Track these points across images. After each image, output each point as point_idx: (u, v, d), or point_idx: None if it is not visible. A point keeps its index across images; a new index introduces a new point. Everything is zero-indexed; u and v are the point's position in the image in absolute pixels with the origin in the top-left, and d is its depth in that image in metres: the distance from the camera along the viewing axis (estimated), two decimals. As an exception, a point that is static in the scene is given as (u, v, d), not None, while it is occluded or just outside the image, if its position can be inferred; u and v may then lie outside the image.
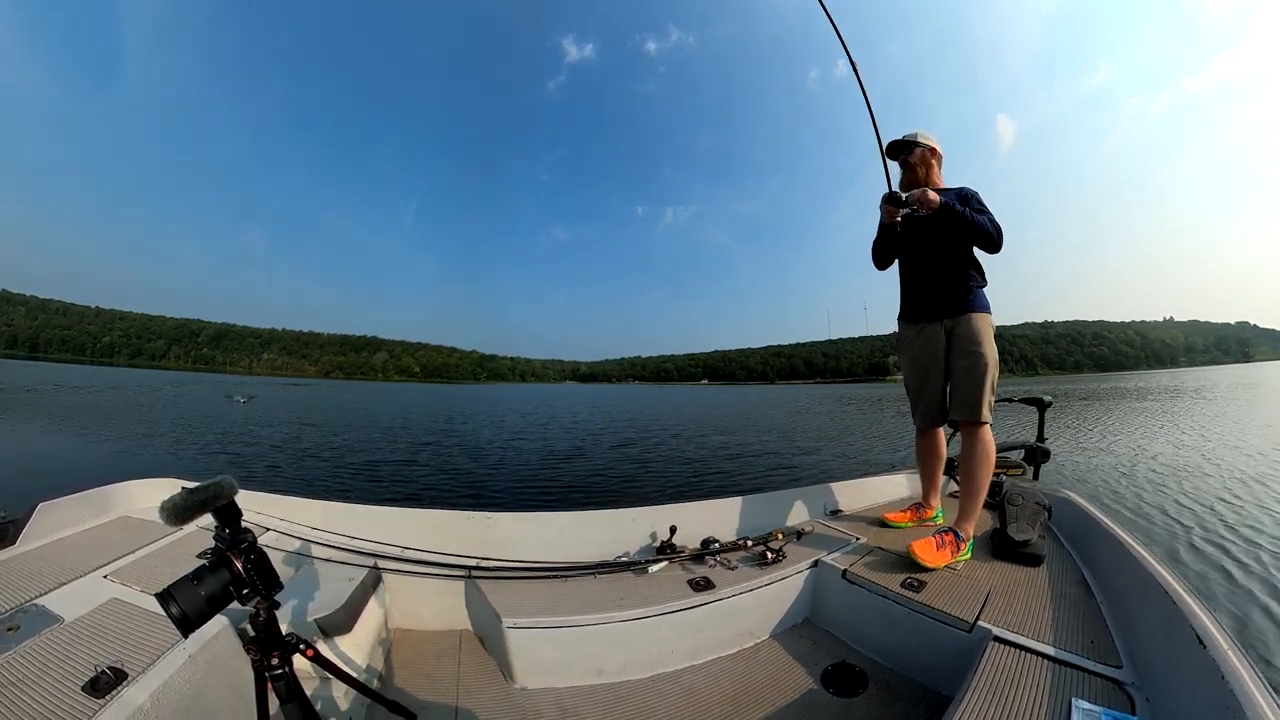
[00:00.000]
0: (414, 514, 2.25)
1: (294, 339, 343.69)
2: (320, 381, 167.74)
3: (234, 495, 1.01)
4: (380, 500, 2.70)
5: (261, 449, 11.03)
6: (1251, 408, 17.16)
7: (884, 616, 1.81)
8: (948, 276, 2.32)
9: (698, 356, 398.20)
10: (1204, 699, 1.05)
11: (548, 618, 1.70)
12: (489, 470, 9.16)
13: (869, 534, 2.35)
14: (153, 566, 1.71)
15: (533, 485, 7.91)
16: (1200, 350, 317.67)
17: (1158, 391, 29.73)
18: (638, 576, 2.01)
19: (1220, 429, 11.53)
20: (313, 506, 2.25)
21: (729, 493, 2.64)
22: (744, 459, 10.23)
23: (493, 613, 1.74)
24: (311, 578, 1.80)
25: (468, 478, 8.38)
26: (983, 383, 2.16)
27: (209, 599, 0.93)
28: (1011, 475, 2.94)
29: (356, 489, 7.47)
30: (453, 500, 6.88)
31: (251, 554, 1.00)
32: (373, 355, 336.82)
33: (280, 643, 1.06)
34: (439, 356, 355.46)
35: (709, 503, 2.49)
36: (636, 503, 2.45)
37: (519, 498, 7.15)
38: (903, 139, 2.45)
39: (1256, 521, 4.91)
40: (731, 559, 2.12)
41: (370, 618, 1.77)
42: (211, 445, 11.36)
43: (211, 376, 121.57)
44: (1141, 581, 1.54)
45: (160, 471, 2.55)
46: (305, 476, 8.33)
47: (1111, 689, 1.26)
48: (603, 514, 2.35)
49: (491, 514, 2.24)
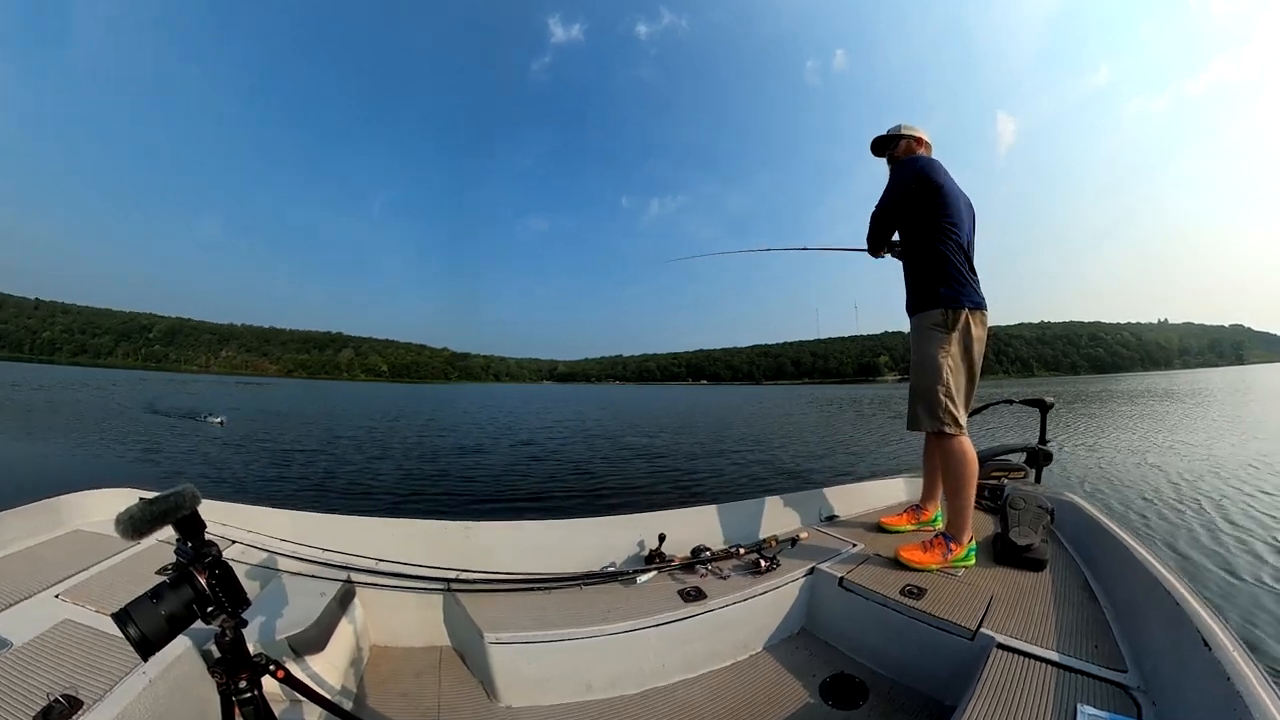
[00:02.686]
0: (389, 524, 2.23)
1: (254, 335, 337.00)
2: (282, 381, 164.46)
3: (196, 506, 0.98)
4: (352, 509, 2.66)
5: (226, 455, 10.77)
6: (1243, 410, 17.77)
7: (883, 625, 1.83)
8: (908, 272, 2.35)
9: (681, 356, 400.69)
10: (1210, 702, 1.07)
11: (532, 632, 1.69)
12: (465, 475, 9.08)
13: (866, 540, 2.37)
14: (109, 584, 1.66)
15: (513, 492, 7.86)
16: (1195, 352, 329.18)
17: (1156, 395, 30.65)
18: (626, 587, 2.01)
19: (1216, 434, 11.95)
20: (281, 517, 2.21)
21: (720, 498, 2.65)
22: (734, 463, 10.30)
23: (474, 627, 1.72)
24: (281, 593, 1.76)
25: (443, 485, 8.30)
26: (919, 392, 2.17)
27: (170, 618, 0.89)
28: (1013, 478, 3.00)
29: (327, 498, 7.34)
30: (429, 509, 6.81)
31: (216, 569, 0.97)
32: (338, 353, 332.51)
33: (248, 664, 1.03)
34: (408, 355, 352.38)
35: (699, 509, 2.49)
36: (623, 510, 2.46)
37: (498, 506, 7.09)
38: (886, 134, 2.44)
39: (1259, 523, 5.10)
40: (723, 568, 2.12)
41: (344, 635, 1.75)
42: (170, 450, 11.06)
43: (161, 375, 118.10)
44: (1145, 584, 1.58)
45: (116, 481, 2.48)
46: (273, 483, 8.17)
47: (1117, 694, 1.29)
48: (587, 522, 2.35)
49: (470, 523, 2.22)
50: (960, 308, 2.13)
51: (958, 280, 2.16)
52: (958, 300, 2.13)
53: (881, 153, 2.47)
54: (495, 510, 6.84)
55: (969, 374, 2.20)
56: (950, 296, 2.13)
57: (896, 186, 2.26)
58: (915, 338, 2.24)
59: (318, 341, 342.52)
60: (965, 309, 2.14)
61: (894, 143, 2.41)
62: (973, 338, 2.17)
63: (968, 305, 2.14)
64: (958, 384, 2.15)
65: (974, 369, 2.21)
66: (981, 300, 2.19)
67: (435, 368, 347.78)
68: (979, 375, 2.24)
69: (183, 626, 0.91)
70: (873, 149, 2.48)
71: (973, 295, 2.17)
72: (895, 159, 2.40)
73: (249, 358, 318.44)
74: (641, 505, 2.53)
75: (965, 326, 2.15)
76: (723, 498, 2.68)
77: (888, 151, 2.44)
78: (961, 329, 2.14)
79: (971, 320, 2.16)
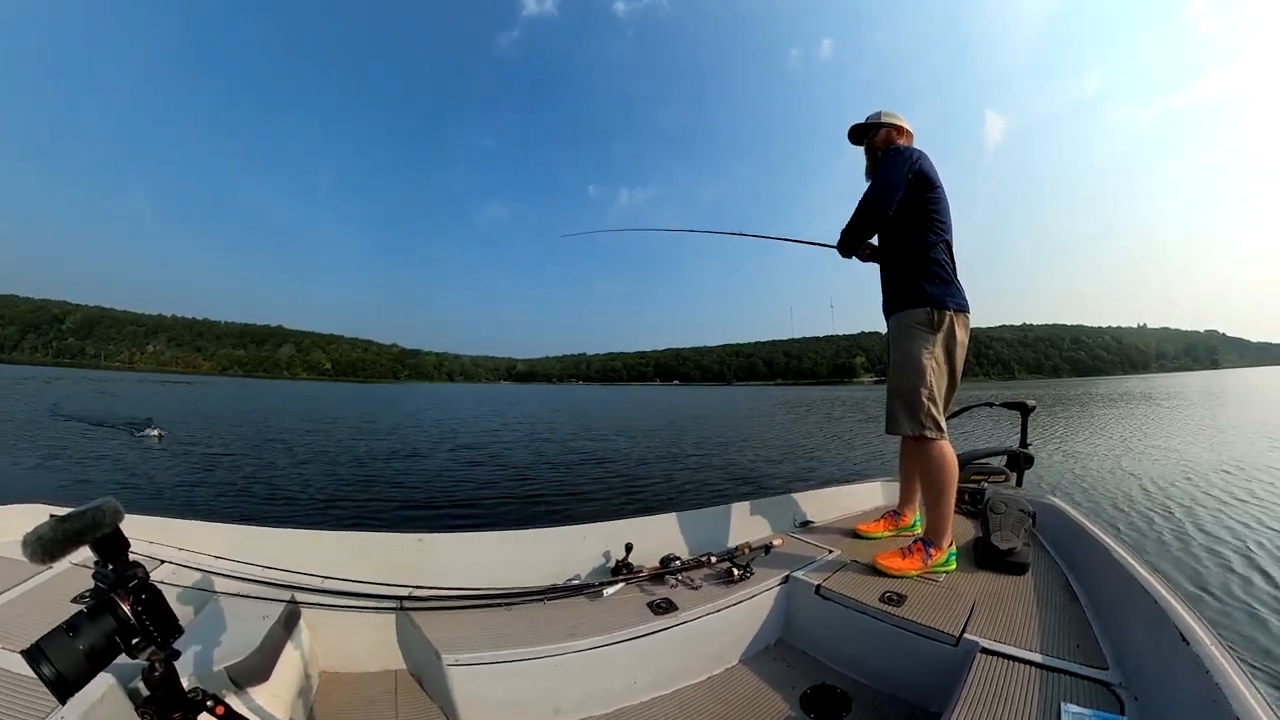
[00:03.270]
0: (334, 537, 2.18)
1: (185, 328, 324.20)
2: (216, 379, 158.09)
3: (118, 522, 0.91)
4: (295, 521, 2.58)
5: (151, 463, 10.28)
6: (1218, 415, 18.89)
7: (863, 633, 1.88)
8: (886, 268, 2.40)
9: (649, 355, 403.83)
10: (1190, 694, 1.16)
11: (493, 651, 1.67)
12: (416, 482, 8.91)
13: (842, 546, 2.43)
14: (16, 616, 1.55)
15: (467, 501, 7.76)
16: (1172, 357, 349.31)
17: (1135, 398, 32.30)
18: (591, 600, 2.01)
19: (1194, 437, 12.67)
20: (216, 531, 2.13)
21: (689, 505, 2.68)
22: (703, 467, 10.39)
23: (430, 648, 1.69)
24: (218, 617, 1.69)
25: (393, 493, 8.12)
26: (900, 394, 2.21)
27: (90, 654, 0.83)
28: (994, 482, 3.12)
29: (266, 509, 7.10)
30: (377, 520, 6.67)
31: (142, 594, 0.91)
32: (278, 349, 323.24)
33: (182, 701, 0.97)
34: (354, 351, 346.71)
35: (667, 516, 2.51)
36: (586, 518, 2.45)
37: (452, 516, 6.99)
38: (864, 122, 2.45)
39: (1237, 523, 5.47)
40: (694, 577, 2.14)
41: (290, 661, 1.69)
42: (84, 458, 10.50)
43: (76, 373, 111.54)
44: (1125, 584, 1.69)
45: (22, 495, 2.33)
46: (206, 493, 7.86)
47: (1100, 691, 1.37)
48: (549, 532, 2.34)
49: (423, 535, 2.19)
50: (945, 309, 2.18)
51: (944, 280, 2.21)
52: (943, 301, 2.19)
53: (859, 141, 2.48)
54: (447, 520, 6.75)
55: (950, 378, 2.26)
56: (936, 296, 2.18)
57: (892, 180, 2.21)
58: (897, 337, 2.28)
59: (256, 336, 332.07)
60: (950, 311, 2.19)
61: (873, 131, 2.42)
62: (956, 341, 2.22)
63: (952, 307, 2.20)
64: (939, 387, 2.21)
65: (955, 373, 2.27)
66: (966, 304, 2.25)
67: (383, 366, 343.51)
68: (959, 380, 2.30)
69: (105, 662, 0.85)
70: (850, 137, 2.49)
71: (958, 297, 2.23)
72: (874, 148, 2.41)
73: (179, 353, 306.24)
74: (606, 513, 2.55)
75: (949, 329, 2.20)
76: (692, 504, 2.71)
77: (866, 140, 2.45)
78: (946, 331, 2.20)
79: (955, 323, 2.21)
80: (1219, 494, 6.86)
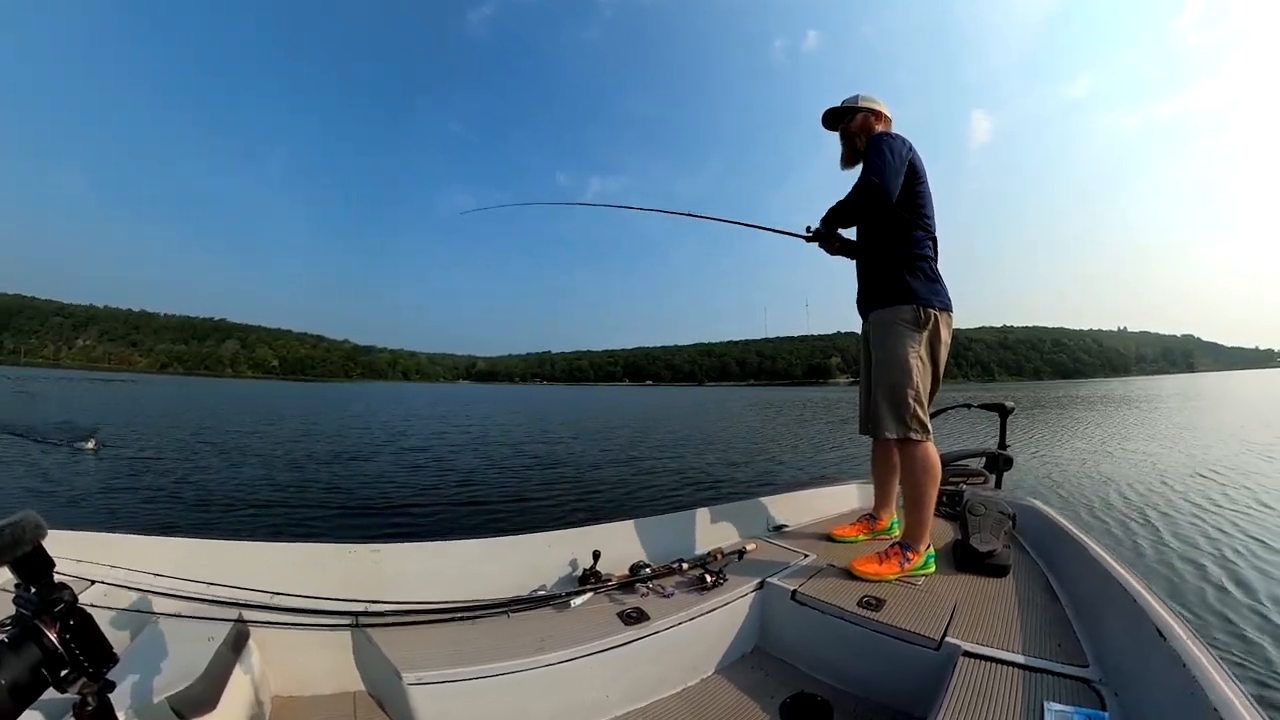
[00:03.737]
0: (283, 549, 2.12)
1: (120, 320, 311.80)
2: (153, 377, 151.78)
3: (40, 539, 0.84)
4: (240, 531, 2.50)
5: (76, 471, 9.80)
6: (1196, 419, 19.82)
7: (842, 639, 1.92)
8: (867, 262, 2.41)
9: (617, 354, 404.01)
10: (1168, 686, 1.24)
11: (457, 668, 1.65)
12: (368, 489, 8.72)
13: (818, 550, 2.49)
14: None
15: (425, 507, 7.64)
16: (1150, 360, 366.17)
17: (1115, 400, 33.68)
18: (559, 612, 2.01)
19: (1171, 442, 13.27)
20: (153, 546, 2.04)
21: (658, 510, 2.70)
22: (673, 471, 10.44)
23: (390, 667, 1.67)
24: (158, 641, 1.62)
25: (343, 500, 7.94)
26: (886, 394, 2.24)
27: (13, 690, 0.77)
28: (973, 483, 3.23)
29: (209, 520, 6.85)
30: (329, 530, 6.52)
31: (70, 619, 0.85)
32: (221, 344, 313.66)
33: None
34: (303, 347, 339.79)
35: (636, 522, 2.53)
36: (551, 525, 2.46)
37: (407, 524, 6.88)
38: (840, 105, 2.46)
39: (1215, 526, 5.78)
40: (666, 585, 2.16)
41: (239, 687, 1.64)
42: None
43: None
44: (1104, 583, 1.78)
45: None
46: (140, 502, 7.56)
47: (1081, 688, 1.45)
48: (512, 540, 2.33)
49: (378, 546, 2.16)
50: (932, 307, 2.22)
51: (930, 278, 2.26)
52: (930, 299, 2.22)
53: (834, 125, 2.48)
54: (402, 529, 6.64)
55: (933, 378, 2.30)
56: (923, 294, 2.22)
57: (895, 163, 2.16)
58: (881, 335, 2.30)
59: (197, 330, 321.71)
60: (936, 309, 2.23)
61: (849, 115, 2.42)
62: (940, 341, 2.27)
63: (938, 306, 2.24)
64: (925, 387, 2.25)
65: (938, 374, 2.32)
66: (950, 303, 2.30)
67: (334, 363, 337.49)
68: (940, 381, 2.35)
69: (30, 699, 0.79)
70: (825, 121, 2.49)
71: (944, 296, 2.28)
72: (851, 134, 2.42)
73: (112, 348, 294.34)
74: (571, 520, 2.54)
75: (935, 328, 2.24)
76: (661, 509, 2.72)
77: (841, 124, 2.45)
78: (931, 330, 2.24)
79: (940, 322, 2.26)
80: (1197, 499, 7.20)
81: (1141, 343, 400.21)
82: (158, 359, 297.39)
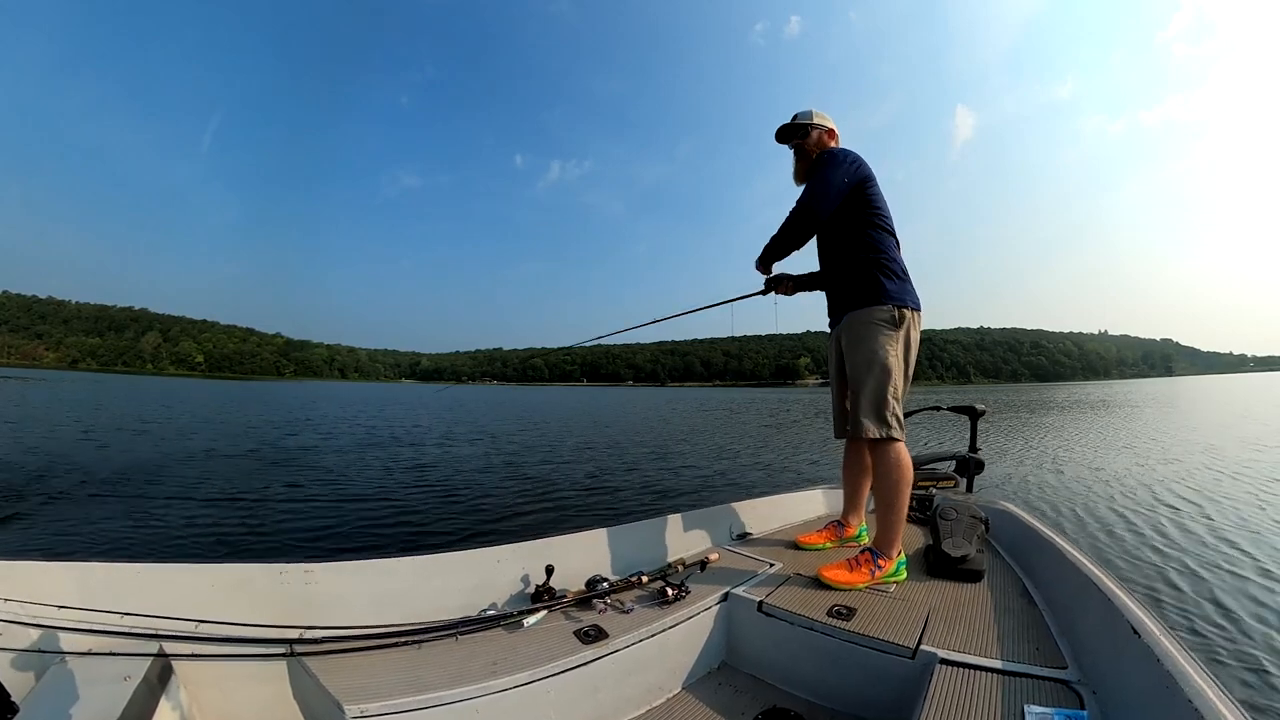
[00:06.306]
0: (206, 571, 2.01)
1: (22, 308, 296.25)
2: (63, 374, 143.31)
3: None
4: (155, 554, 2.37)
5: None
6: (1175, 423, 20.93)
7: (814, 650, 1.95)
8: (832, 268, 2.56)
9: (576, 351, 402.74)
10: (1144, 682, 1.32)
11: (405, 698, 1.61)
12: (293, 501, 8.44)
13: (785, 558, 2.53)
14: None
15: (360, 521, 7.43)
16: (1130, 364, 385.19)
17: (1093, 404, 35.14)
18: (511, 632, 1.99)
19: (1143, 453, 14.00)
20: (55, 573, 1.86)
21: (614, 520, 2.69)
22: (628, 477, 10.40)
23: (330, 700, 1.61)
24: (66, 684, 1.52)
25: (268, 514, 7.64)
26: (866, 394, 2.33)
27: None
28: (943, 488, 3.33)
29: (121, 542, 6.48)
30: (253, 549, 6.27)
31: None
32: (140, 337, 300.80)
33: None
34: (230, 341, 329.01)
35: (590, 534, 2.53)
36: (500, 539, 2.42)
37: (342, 539, 6.68)
38: (794, 122, 2.60)
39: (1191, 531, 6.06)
40: (624, 600, 2.16)
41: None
42: None
43: None
44: (1080, 584, 1.87)
45: None
46: (41, 523, 7.12)
47: (1060, 689, 1.52)
48: (458, 556, 2.29)
49: (311, 565, 2.08)
50: (905, 306, 2.35)
51: (900, 277, 2.38)
52: (904, 299, 2.35)
53: (788, 140, 2.62)
54: (336, 546, 6.43)
55: (905, 378, 2.41)
56: (897, 294, 2.34)
57: (832, 183, 2.35)
58: (859, 335, 2.38)
59: (113, 321, 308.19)
60: (909, 309, 2.36)
61: (804, 132, 2.57)
62: (912, 341, 2.39)
63: (910, 305, 2.37)
64: (901, 386, 2.36)
65: (909, 375, 2.43)
66: (920, 303, 2.43)
67: (265, 359, 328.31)
68: (909, 382, 2.46)
69: None
70: (779, 137, 2.63)
71: (914, 296, 2.41)
72: (807, 150, 2.56)
73: (14, 340, 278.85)
74: (523, 533, 2.50)
75: (908, 328, 2.37)
76: (618, 519, 2.71)
77: (795, 141, 2.60)
78: (905, 329, 2.36)
79: (912, 322, 2.38)
80: (1174, 500, 7.59)
81: (1122, 346, 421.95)
82: (67, 353, 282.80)
